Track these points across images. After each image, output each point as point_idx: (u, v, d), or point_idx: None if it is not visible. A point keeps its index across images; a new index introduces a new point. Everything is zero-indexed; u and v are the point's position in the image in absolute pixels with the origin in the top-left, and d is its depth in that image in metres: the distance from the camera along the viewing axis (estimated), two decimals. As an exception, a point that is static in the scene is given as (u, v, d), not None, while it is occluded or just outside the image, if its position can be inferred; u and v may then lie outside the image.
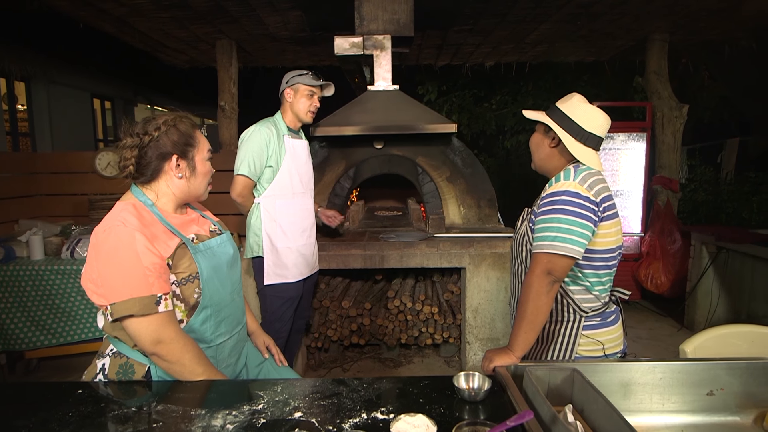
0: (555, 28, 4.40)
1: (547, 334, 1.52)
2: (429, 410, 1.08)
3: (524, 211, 1.58)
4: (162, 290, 1.22)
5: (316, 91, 2.47)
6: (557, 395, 1.21)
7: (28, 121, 6.19)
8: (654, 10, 3.85)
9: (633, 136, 4.41)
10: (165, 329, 1.22)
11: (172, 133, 1.29)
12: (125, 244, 1.19)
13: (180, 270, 1.28)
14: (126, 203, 1.29)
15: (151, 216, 1.28)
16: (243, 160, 2.34)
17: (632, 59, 5.43)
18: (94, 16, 3.79)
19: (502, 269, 3.03)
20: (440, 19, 4.02)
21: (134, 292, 1.18)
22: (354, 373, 3.22)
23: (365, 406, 1.11)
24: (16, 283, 3.02)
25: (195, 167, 1.34)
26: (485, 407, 1.12)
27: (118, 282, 1.18)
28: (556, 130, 1.44)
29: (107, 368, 1.29)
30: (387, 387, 1.22)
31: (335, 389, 1.20)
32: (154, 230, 1.25)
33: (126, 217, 1.23)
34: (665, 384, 1.26)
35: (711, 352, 1.60)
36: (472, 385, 1.19)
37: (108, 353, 1.30)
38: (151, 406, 1.12)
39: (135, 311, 1.18)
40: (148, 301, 1.19)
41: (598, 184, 1.41)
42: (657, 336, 3.80)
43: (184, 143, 1.32)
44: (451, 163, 3.50)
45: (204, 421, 1.06)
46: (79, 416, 1.08)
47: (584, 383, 1.14)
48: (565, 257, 1.34)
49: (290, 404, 1.13)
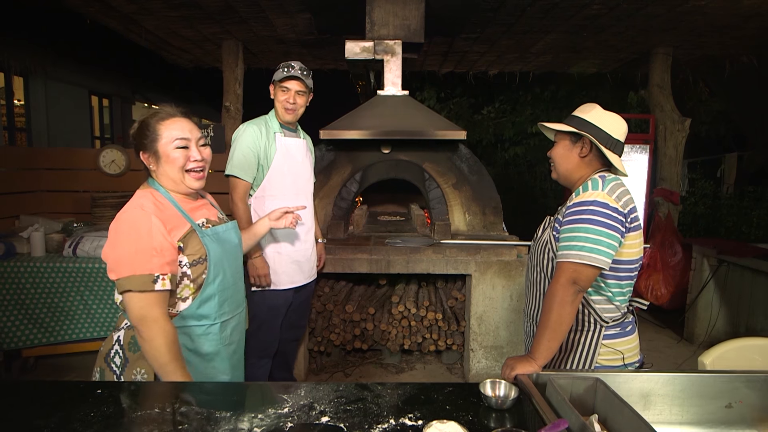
0: (560, 39, 4.44)
1: (567, 343, 1.51)
2: (457, 417, 1.08)
3: (546, 219, 1.59)
4: (161, 270, 1.31)
5: (291, 86, 2.28)
6: (579, 404, 1.21)
7: (25, 117, 6.09)
8: (660, 24, 3.90)
9: (636, 148, 4.45)
10: (152, 308, 1.30)
11: (138, 130, 1.41)
12: (139, 225, 1.31)
13: (190, 252, 1.39)
14: (144, 191, 1.42)
15: (165, 201, 1.41)
16: (230, 159, 2.27)
17: (633, 72, 5.50)
18: (103, 13, 3.77)
19: (507, 277, 3.03)
20: (448, 26, 4.05)
21: (136, 270, 1.28)
22: (356, 378, 3.20)
23: (392, 412, 1.11)
24: (15, 280, 2.97)
25: (159, 158, 1.40)
26: (512, 415, 1.12)
27: (125, 259, 1.29)
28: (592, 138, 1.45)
29: (122, 339, 1.40)
30: (411, 392, 1.21)
31: (359, 394, 1.20)
32: (168, 214, 1.38)
33: (144, 202, 1.36)
34: (684, 395, 1.27)
35: (729, 364, 1.60)
36: (499, 393, 1.19)
37: (123, 326, 1.41)
38: (174, 408, 1.11)
39: (133, 287, 1.28)
40: (146, 279, 1.29)
41: (625, 195, 1.42)
42: (656, 347, 3.82)
43: (143, 137, 1.40)
44: (458, 169, 3.51)
45: (230, 424, 1.04)
46: (102, 416, 1.07)
47: (608, 393, 1.14)
48: (591, 267, 1.34)
49: (316, 408, 1.12)
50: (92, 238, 3.18)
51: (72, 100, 6.72)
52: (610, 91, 6.33)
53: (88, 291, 3.07)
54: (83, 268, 3.03)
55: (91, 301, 3.09)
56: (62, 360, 3.22)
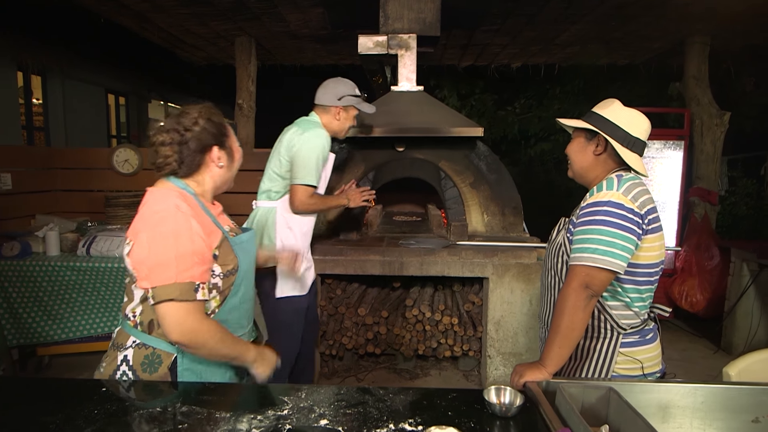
0: (587, 29, 4.22)
1: (582, 351, 1.43)
2: (458, 424, 1.05)
3: (561, 220, 1.50)
4: (201, 279, 1.23)
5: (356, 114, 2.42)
6: (591, 415, 1.14)
7: (43, 116, 6.18)
8: (694, 12, 3.64)
9: (669, 145, 4.18)
10: (193, 318, 1.21)
11: (209, 125, 1.31)
12: (179, 227, 1.20)
13: (223, 262, 1.30)
14: (169, 190, 1.27)
15: (196, 206, 1.29)
16: (308, 166, 2.19)
17: (669, 63, 5.18)
18: (115, 11, 3.79)
19: (527, 281, 2.87)
20: (467, 18, 3.90)
21: (178, 278, 1.18)
22: (368, 383, 3.10)
23: (392, 417, 1.09)
24: (31, 278, 3.01)
25: (233, 155, 1.38)
26: (516, 424, 1.08)
27: (165, 265, 1.18)
28: (606, 136, 1.36)
29: (131, 359, 1.27)
30: (413, 398, 1.19)
31: (360, 398, 1.18)
32: (203, 219, 1.27)
33: (179, 203, 1.23)
34: (707, 408, 1.18)
35: (756, 376, 1.52)
36: (504, 400, 1.14)
37: (130, 345, 1.29)
38: (176, 407, 1.12)
39: (175, 296, 1.18)
40: (188, 287, 1.20)
41: (643, 195, 1.32)
42: (691, 358, 3.57)
43: (221, 133, 1.34)
44: (475, 168, 3.35)
45: (229, 424, 1.05)
46: (105, 414, 1.09)
47: (621, 403, 1.07)
48: (604, 271, 1.26)
49: (315, 411, 1.11)
50: (105, 238, 3.18)
51: (89, 98, 6.82)
52: (646, 82, 5.99)
53: (104, 288, 3.10)
54: (97, 268, 3.04)
55: (108, 297, 3.11)
56: (76, 359, 3.25)
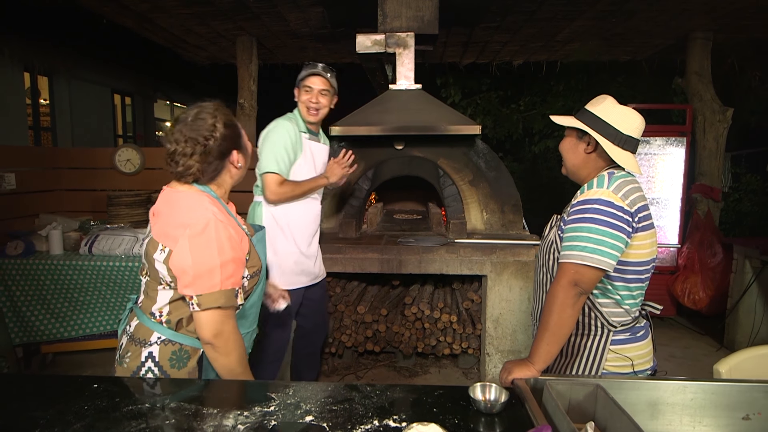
0: (587, 26, 4.20)
1: (572, 348, 1.43)
2: (443, 420, 1.06)
3: (553, 217, 1.50)
4: (239, 284, 1.27)
5: (314, 85, 2.24)
6: (579, 412, 1.15)
7: (50, 116, 6.23)
8: (696, 7, 3.61)
9: (671, 141, 4.14)
10: (230, 323, 1.25)
11: (228, 131, 1.31)
12: (223, 237, 1.22)
13: (251, 264, 1.33)
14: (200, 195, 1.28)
15: (224, 211, 1.30)
16: (269, 155, 2.17)
17: (672, 58, 5.13)
18: (117, 12, 3.82)
19: (525, 278, 2.86)
20: (466, 16, 3.89)
21: (223, 285, 1.22)
22: (368, 381, 3.11)
23: (377, 413, 1.10)
24: (35, 277, 3.04)
25: (247, 153, 1.39)
26: (501, 420, 1.09)
27: (211, 274, 1.20)
28: (594, 135, 1.36)
29: (157, 355, 1.28)
30: (400, 395, 1.20)
31: (347, 395, 1.19)
32: (234, 226, 1.29)
33: (216, 211, 1.25)
34: (697, 405, 1.18)
35: (748, 373, 1.51)
36: (489, 397, 1.15)
37: (155, 341, 1.29)
38: (165, 403, 1.13)
39: (222, 303, 1.21)
40: (231, 294, 1.23)
41: (634, 193, 1.32)
42: (693, 355, 3.55)
43: (237, 135, 1.35)
44: (474, 165, 3.35)
45: (216, 420, 1.06)
46: (95, 410, 1.10)
47: (608, 400, 1.08)
48: (593, 269, 1.26)
49: (302, 407, 1.12)
50: (107, 237, 3.20)
51: (95, 98, 6.87)
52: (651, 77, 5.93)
53: (105, 287, 3.12)
54: (99, 266, 3.07)
55: (109, 295, 3.14)
56: (79, 356, 3.29)
